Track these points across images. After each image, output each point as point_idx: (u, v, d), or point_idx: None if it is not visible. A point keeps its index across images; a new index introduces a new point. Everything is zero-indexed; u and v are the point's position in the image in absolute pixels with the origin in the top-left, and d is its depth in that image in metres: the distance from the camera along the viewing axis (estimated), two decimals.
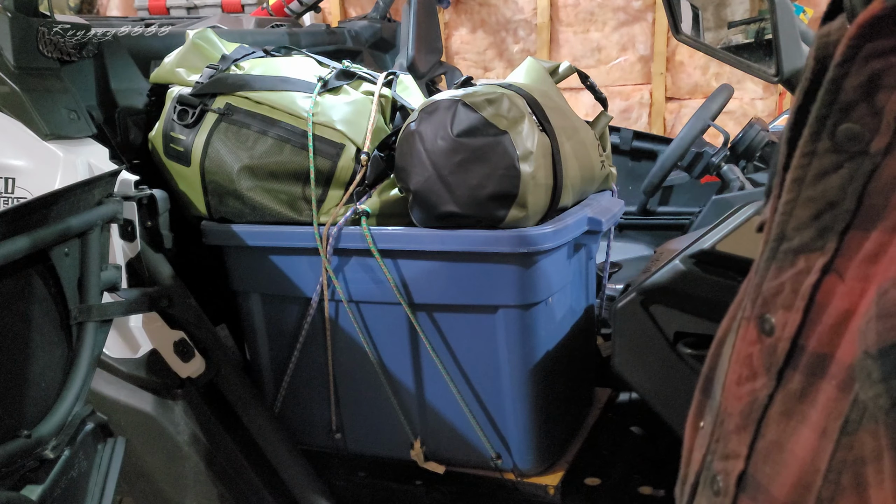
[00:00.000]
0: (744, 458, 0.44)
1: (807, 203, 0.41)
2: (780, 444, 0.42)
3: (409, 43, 2.31)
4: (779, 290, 0.42)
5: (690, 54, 3.36)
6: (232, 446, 1.49)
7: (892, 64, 0.38)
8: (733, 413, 0.45)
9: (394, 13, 2.88)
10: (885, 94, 0.38)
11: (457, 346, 1.49)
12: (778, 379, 0.42)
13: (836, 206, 0.40)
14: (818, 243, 0.41)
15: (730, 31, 1.66)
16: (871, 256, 0.38)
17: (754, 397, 0.44)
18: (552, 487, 1.54)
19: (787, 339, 0.42)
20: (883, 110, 0.38)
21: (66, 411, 1.09)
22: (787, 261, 0.42)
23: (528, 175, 1.36)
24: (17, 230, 1.00)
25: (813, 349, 0.41)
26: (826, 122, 0.40)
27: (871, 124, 0.39)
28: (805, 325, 0.41)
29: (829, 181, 0.40)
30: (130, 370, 1.39)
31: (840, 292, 0.40)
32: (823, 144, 0.40)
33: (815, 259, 0.41)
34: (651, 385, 1.33)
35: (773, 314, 0.43)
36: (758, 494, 0.43)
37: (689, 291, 1.25)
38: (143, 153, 1.61)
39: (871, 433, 0.37)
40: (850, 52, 0.38)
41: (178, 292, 1.44)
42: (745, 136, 2.27)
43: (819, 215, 0.41)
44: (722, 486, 0.45)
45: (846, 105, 0.39)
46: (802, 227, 0.41)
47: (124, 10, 3.92)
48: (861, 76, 0.38)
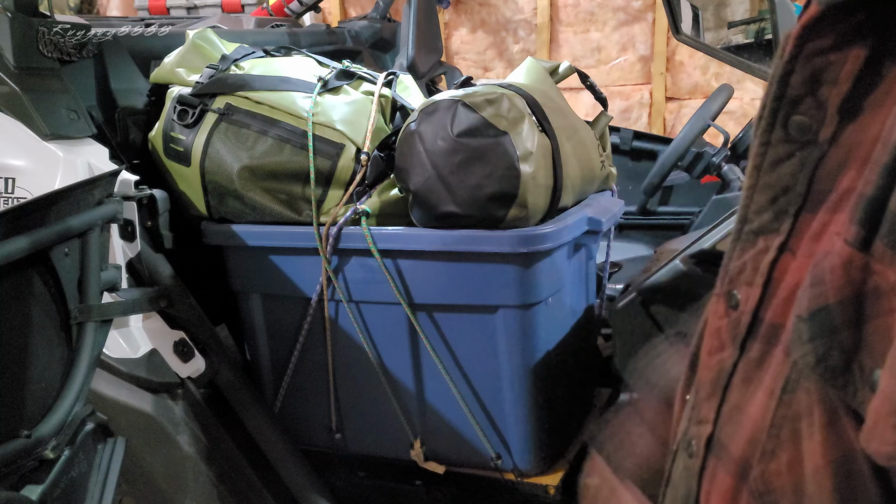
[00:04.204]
0: (712, 423, 0.48)
1: (764, 188, 0.45)
2: (739, 407, 0.46)
3: (409, 43, 2.31)
4: (742, 268, 0.46)
5: (690, 54, 3.35)
6: (232, 446, 1.49)
7: (831, 61, 0.41)
8: (705, 382, 0.49)
9: (394, 13, 2.87)
10: (827, 89, 0.41)
11: (457, 346, 1.49)
12: (741, 349, 0.46)
13: (789, 190, 0.43)
14: (774, 225, 0.44)
15: (730, 31, 1.66)
16: (816, 235, 0.42)
17: (721, 366, 0.48)
18: (552, 487, 1.54)
19: (749, 313, 0.46)
20: (826, 103, 0.42)
21: (66, 411, 1.09)
22: (749, 241, 0.46)
23: (528, 175, 1.36)
24: (17, 230, 1.00)
25: (769, 320, 0.44)
26: (778, 114, 0.43)
27: (817, 116, 0.42)
28: (764, 299, 0.45)
29: (783, 168, 0.44)
30: (130, 370, 1.39)
31: (792, 269, 0.43)
32: (777, 135, 0.44)
33: (772, 239, 0.44)
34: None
35: (738, 290, 0.47)
36: (721, 454, 0.47)
37: (690, 291, 1.25)
38: (143, 153, 1.61)
39: (805, 391, 0.40)
40: (795, 50, 0.42)
41: (178, 292, 1.44)
42: (745, 136, 2.27)
43: (775, 199, 0.44)
44: (695, 449, 0.49)
45: (794, 99, 0.43)
46: (761, 210, 0.45)
47: (124, 10, 3.92)
48: (805, 72, 0.42)
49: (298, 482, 1.53)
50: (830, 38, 0.40)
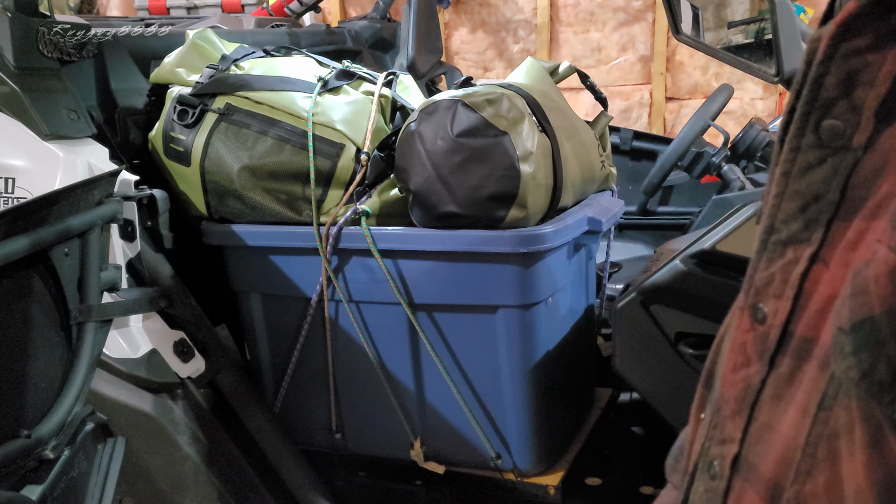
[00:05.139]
0: (738, 442, 0.46)
1: (793, 196, 0.43)
2: (770, 425, 0.44)
3: (409, 43, 2.31)
4: (770, 279, 0.44)
5: (690, 54, 3.35)
6: (232, 446, 1.49)
7: (868, 62, 0.39)
8: (729, 399, 0.47)
9: (394, 13, 2.87)
10: (863, 91, 0.40)
11: (457, 346, 1.49)
12: (770, 364, 0.44)
13: (820, 198, 0.42)
14: (805, 234, 0.42)
15: (730, 31, 1.66)
16: (851, 244, 0.40)
17: (748, 383, 0.45)
18: (552, 487, 1.54)
19: (779, 327, 0.44)
20: (862, 106, 0.40)
21: (66, 411, 1.09)
22: (776, 252, 0.44)
23: (528, 175, 1.36)
24: (17, 230, 1.00)
25: (800, 334, 0.42)
26: (809, 118, 0.41)
27: (851, 120, 0.40)
28: (794, 312, 0.43)
29: (814, 175, 0.42)
30: (130, 370, 1.39)
31: (825, 279, 0.41)
32: (808, 140, 0.42)
33: (803, 249, 0.42)
34: (652, 385, 1.33)
35: (765, 303, 0.44)
36: (749, 474, 0.45)
37: (690, 291, 1.25)
38: (143, 153, 1.61)
39: (844, 408, 0.38)
40: (829, 50, 0.40)
41: (178, 292, 1.44)
42: (745, 136, 2.27)
43: (805, 208, 0.42)
44: (718, 470, 0.47)
45: (827, 102, 0.41)
46: (790, 219, 0.43)
47: (124, 10, 3.91)
48: (840, 73, 0.40)
49: (298, 482, 1.53)
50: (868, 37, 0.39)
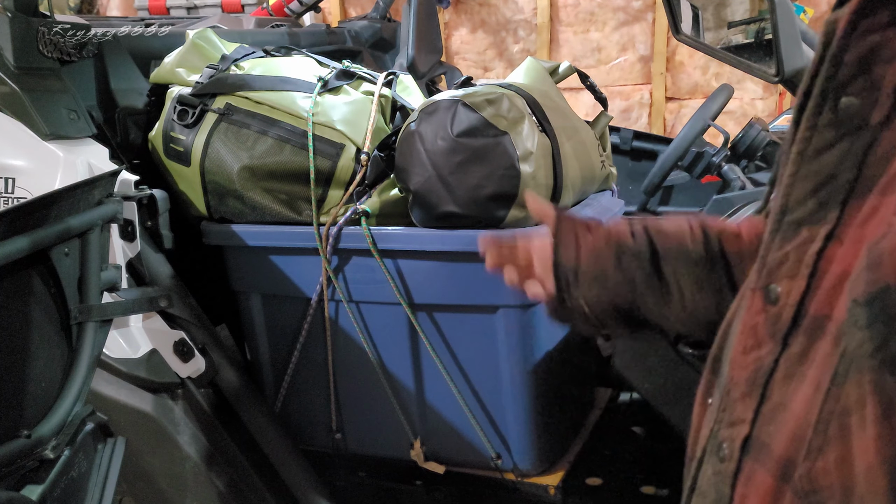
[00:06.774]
0: (749, 423, 0.45)
1: (807, 177, 0.43)
2: (783, 404, 0.43)
3: (409, 43, 2.31)
4: (783, 260, 0.44)
5: (690, 54, 3.35)
6: (232, 446, 1.49)
7: (889, 38, 0.39)
8: (739, 382, 0.47)
9: (394, 13, 2.87)
10: (882, 67, 0.40)
11: (457, 347, 1.49)
12: (783, 344, 0.44)
13: (834, 178, 0.42)
14: (820, 214, 0.42)
15: (730, 31, 1.65)
16: (864, 220, 0.40)
17: (759, 364, 0.45)
18: (553, 487, 1.54)
19: (792, 306, 0.43)
20: (881, 82, 0.40)
21: (66, 411, 1.09)
22: (790, 232, 0.44)
23: (528, 175, 1.36)
24: (17, 230, 1.00)
25: (814, 313, 0.42)
26: (827, 95, 0.42)
27: (869, 97, 0.40)
28: (808, 291, 0.43)
29: (828, 156, 0.42)
30: (130, 370, 1.39)
31: (839, 256, 0.41)
32: (825, 118, 0.42)
33: (818, 229, 0.42)
34: (652, 384, 1.33)
35: (779, 283, 0.44)
36: (760, 454, 0.45)
37: None
38: (143, 153, 1.61)
39: (855, 384, 0.38)
40: (849, 27, 0.40)
41: (178, 292, 1.44)
42: (745, 135, 2.27)
43: (819, 188, 0.42)
44: (727, 452, 0.47)
45: (846, 78, 0.41)
46: (804, 199, 0.43)
47: (124, 10, 3.91)
48: (860, 50, 0.40)
49: (298, 482, 1.53)
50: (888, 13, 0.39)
